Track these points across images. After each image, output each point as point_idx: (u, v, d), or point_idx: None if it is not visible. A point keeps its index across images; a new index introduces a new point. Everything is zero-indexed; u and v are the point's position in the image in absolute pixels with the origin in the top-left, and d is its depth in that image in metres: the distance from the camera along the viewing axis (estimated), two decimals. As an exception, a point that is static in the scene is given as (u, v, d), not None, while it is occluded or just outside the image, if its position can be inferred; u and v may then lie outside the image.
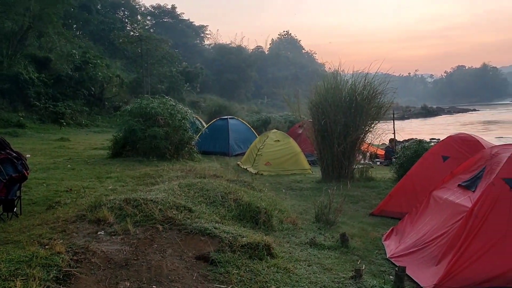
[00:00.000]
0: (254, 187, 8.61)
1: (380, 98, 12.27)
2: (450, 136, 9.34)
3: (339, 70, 12.91)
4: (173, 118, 13.00)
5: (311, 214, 7.99)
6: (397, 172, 11.74)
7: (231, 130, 18.77)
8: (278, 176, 13.17)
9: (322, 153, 12.02)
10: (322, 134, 11.81)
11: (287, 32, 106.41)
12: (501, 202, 5.33)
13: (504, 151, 6.01)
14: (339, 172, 11.74)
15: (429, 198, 6.77)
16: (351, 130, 11.66)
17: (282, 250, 5.72)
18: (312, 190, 10.67)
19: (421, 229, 6.23)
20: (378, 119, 12.44)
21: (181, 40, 62.56)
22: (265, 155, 14.05)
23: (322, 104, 11.82)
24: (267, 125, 27.08)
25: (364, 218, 8.45)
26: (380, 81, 12.38)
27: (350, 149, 11.78)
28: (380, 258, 6.14)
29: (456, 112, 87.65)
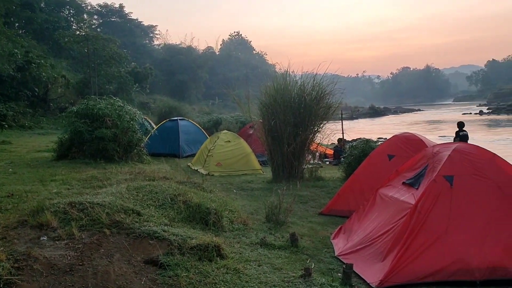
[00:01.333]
0: (205, 188, 8.57)
1: (328, 99, 12.48)
2: (395, 136, 9.64)
3: (288, 71, 13.05)
4: (121, 120, 12.72)
5: (261, 214, 8.03)
6: (346, 171, 11.99)
7: (182, 131, 18.59)
8: (229, 176, 13.16)
9: (272, 153, 12.11)
10: (272, 135, 11.90)
11: (238, 33, 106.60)
12: (442, 198, 5.55)
13: (445, 149, 6.26)
14: (289, 172, 11.86)
15: (376, 196, 6.96)
16: (300, 130, 11.80)
17: (232, 250, 5.71)
18: (263, 190, 10.73)
19: (368, 227, 6.40)
20: (327, 119, 12.64)
21: (129, 40, 61.41)
22: (216, 156, 14.00)
23: (272, 105, 11.90)
24: (218, 126, 27.00)
25: (314, 218, 8.57)
26: (329, 81, 12.60)
27: (300, 149, 11.93)
28: (329, 256, 6.24)
29: (402, 112, 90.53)
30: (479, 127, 46.91)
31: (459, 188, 5.61)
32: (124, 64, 43.22)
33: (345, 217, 7.94)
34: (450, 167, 5.81)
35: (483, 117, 61.92)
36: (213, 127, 27.01)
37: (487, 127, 46.44)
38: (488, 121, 53.73)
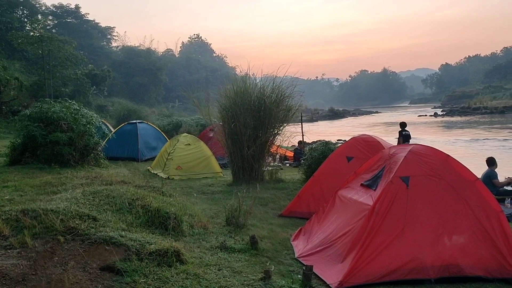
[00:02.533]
0: (164, 192, 8.44)
1: (288, 101, 12.56)
2: (353, 138, 9.80)
3: (248, 74, 13.07)
4: (77, 123, 12.38)
5: (222, 218, 7.99)
6: (305, 173, 12.09)
7: (141, 135, 18.30)
8: (190, 180, 13.04)
9: (232, 156, 12.08)
10: (232, 137, 11.87)
11: (198, 35, 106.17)
12: (399, 199, 5.67)
13: (401, 151, 6.40)
14: (250, 174, 11.86)
15: (335, 198, 7.04)
16: (260, 133, 11.83)
17: (192, 255, 5.64)
18: (223, 194, 10.69)
19: (328, 228, 6.46)
20: (286, 122, 12.72)
21: (86, 42, 59.99)
22: (175, 159, 13.85)
23: (232, 108, 11.88)
24: (178, 129, 26.74)
25: (274, 220, 8.59)
26: (288, 84, 12.68)
27: (260, 151, 11.95)
28: (289, 258, 6.27)
29: (360, 114, 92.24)
30: (434, 128, 48.37)
31: (414, 188, 5.74)
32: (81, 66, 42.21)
33: (305, 218, 7.99)
34: (406, 168, 5.94)
35: (438, 119, 63.86)
36: (173, 130, 26.72)
37: (442, 128, 47.91)
38: (443, 123, 55.45)
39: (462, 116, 65.06)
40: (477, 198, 5.74)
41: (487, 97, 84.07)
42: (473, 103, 76.14)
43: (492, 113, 64.64)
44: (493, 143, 29.39)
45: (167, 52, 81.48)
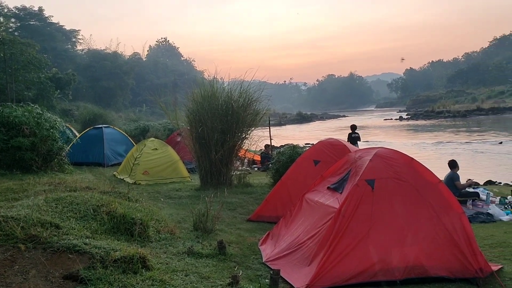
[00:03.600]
0: (130, 198, 8.30)
1: (256, 105, 12.58)
2: (320, 142, 9.89)
3: (216, 78, 13.04)
4: (40, 128, 12.09)
5: (189, 223, 7.91)
6: (273, 177, 12.12)
7: (106, 140, 17.99)
8: (157, 185, 12.89)
9: (200, 160, 12.01)
10: (200, 142, 11.80)
11: (165, 39, 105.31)
12: (365, 201, 5.74)
13: (366, 154, 6.48)
14: (218, 179, 11.82)
15: (302, 201, 7.07)
16: (228, 137, 11.80)
17: (158, 261, 5.57)
18: (191, 198, 10.60)
19: (295, 232, 6.48)
20: (254, 126, 12.73)
21: (50, 45, 58.59)
22: (142, 164, 13.67)
23: (199, 112, 11.82)
24: (145, 134, 26.38)
25: (242, 224, 8.57)
26: (256, 88, 12.71)
27: (228, 155, 11.92)
28: (257, 262, 6.25)
29: (328, 118, 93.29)
30: (399, 132, 49.32)
31: (379, 191, 5.82)
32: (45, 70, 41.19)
33: (273, 222, 8.00)
34: (371, 171, 6.02)
35: (403, 123, 65.16)
36: (140, 134, 26.36)
37: (407, 132, 48.90)
38: (408, 126, 56.60)
39: (426, 120, 66.58)
40: (440, 200, 5.85)
41: (450, 101, 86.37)
42: (437, 107, 78.15)
43: (454, 117, 66.46)
44: (455, 146, 30.17)
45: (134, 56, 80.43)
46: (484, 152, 26.21)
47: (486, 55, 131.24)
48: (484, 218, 9.27)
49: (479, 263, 5.51)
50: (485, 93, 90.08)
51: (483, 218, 9.25)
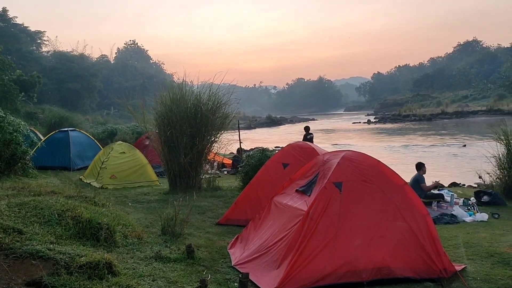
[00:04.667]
0: (97, 202, 8.16)
1: (225, 109, 12.56)
2: (289, 145, 9.94)
3: (185, 81, 12.96)
4: (2, 131, 11.74)
5: (157, 227, 7.82)
6: (243, 180, 12.11)
7: (73, 143, 17.64)
8: (124, 189, 12.71)
9: (169, 164, 11.90)
10: (168, 145, 11.70)
11: (134, 41, 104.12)
12: (332, 204, 5.79)
13: (334, 157, 6.55)
14: (187, 182, 11.73)
15: (271, 204, 7.08)
16: (197, 140, 11.74)
17: (125, 266, 5.49)
18: (160, 202, 10.49)
19: (264, 235, 6.48)
20: (223, 129, 12.70)
21: (14, 46, 57.00)
22: (110, 167, 13.46)
23: (168, 115, 11.72)
24: (113, 137, 26.00)
25: (211, 228, 8.53)
26: (226, 92, 12.69)
27: (197, 159, 11.86)
28: (226, 266, 6.23)
29: (297, 121, 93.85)
30: (367, 135, 50.07)
31: (347, 193, 5.88)
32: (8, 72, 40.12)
33: (243, 226, 7.98)
34: (339, 174, 6.08)
35: (371, 126, 66.19)
36: (108, 138, 25.96)
37: (375, 135, 49.66)
38: (375, 130, 57.51)
39: (394, 123, 67.83)
40: (406, 202, 5.96)
41: (416, 105, 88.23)
42: (403, 111, 79.70)
43: (420, 120, 67.92)
44: (421, 149, 30.81)
45: (102, 58, 79.24)
46: (448, 155, 26.85)
47: (450, 60, 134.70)
48: (448, 219, 9.48)
49: (443, 263, 5.64)
50: (450, 97, 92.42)
51: (447, 219, 9.45)
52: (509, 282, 5.59)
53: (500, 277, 5.74)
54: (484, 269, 6.05)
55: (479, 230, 8.44)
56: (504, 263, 6.31)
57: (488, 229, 8.44)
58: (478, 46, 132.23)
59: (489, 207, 10.51)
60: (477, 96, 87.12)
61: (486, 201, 10.82)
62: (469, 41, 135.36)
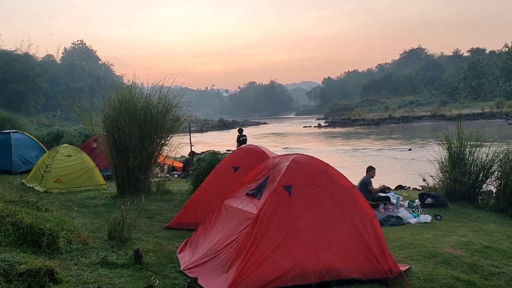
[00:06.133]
0: (40, 207, 7.87)
1: (175, 111, 12.39)
2: (240, 148, 9.96)
3: (135, 82, 12.70)
4: None
5: (104, 232, 7.59)
6: (194, 183, 11.98)
7: (15, 145, 16.90)
8: (70, 193, 12.28)
9: (117, 167, 11.60)
10: (116, 148, 11.40)
11: (82, 41, 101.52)
12: (282, 207, 5.81)
13: (284, 160, 6.58)
14: (135, 186, 11.48)
15: (221, 208, 7.04)
16: (146, 143, 11.51)
17: (68, 273, 5.30)
18: (107, 206, 10.19)
19: (213, 238, 6.43)
20: (174, 132, 12.53)
21: (-48, 45, 54.41)
22: (54, 171, 12.97)
23: (116, 117, 11.42)
24: (59, 140, 25.16)
25: (160, 232, 8.37)
26: (176, 94, 12.52)
27: (146, 162, 11.62)
28: (174, 271, 6.12)
29: (249, 125, 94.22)
30: (318, 139, 50.90)
31: (296, 196, 5.92)
32: None
33: (193, 230, 7.89)
34: (288, 177, 6.11)
35: (321, 130, 67.35)
36: (54, 140, 25.10)
37: (325, 139, 50.56)
38: (326, 134, 58.55)
39: (343, 127, 69.32)
40: (353, 204, 6.07)
41: (365, 109, 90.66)
42: (353, 115, 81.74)
43: (369, 125, 69.79)
44: (370, 153, 31.62)
45: (48, 58, 76.69)
46: (395, 158, 27.68)
47: (397, 66, 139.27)
48: (394, 221, 9.74)
49: (388, 264, 5.77)
50: (396, 102, 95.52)
51: (393, 221, 9.71)
52: (450, 281, 5.81)
53: (442, 277, 5.95)
54: (427, 269, 6.25)
55: (423, 231, 8.71)
56: (446, 263, 6.54)
57: (431, 230, 8.73)
58: (423, 54, 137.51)
59: (433, 209, 10.89)
60: (422, 102, 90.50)
61: (429, 203, 11.19)
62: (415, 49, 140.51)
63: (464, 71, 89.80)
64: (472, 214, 10.55)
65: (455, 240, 7.73)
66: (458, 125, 12.04)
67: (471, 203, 11.47)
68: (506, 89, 77.16)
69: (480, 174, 11.71)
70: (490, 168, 11.60)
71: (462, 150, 11.79)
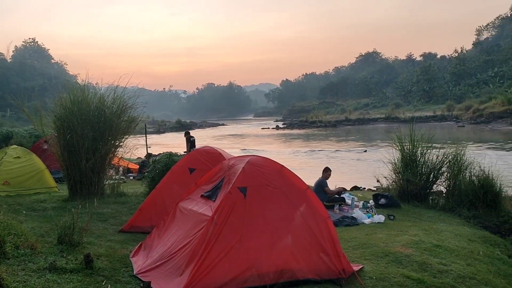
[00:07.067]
0: (-15, 212, 7.52)
1: (130, 112, 12.16)
2: (196, 149, 9.88)
3: (88, 82, 12.39)
4: None
5: (54, 236, 7.33)
6: (149, 186, 11.80)
7: (-40, 147, 16.20)
8: (19, 196, 11.84)
9: (69, 169, 11.26)
10: (68, 150, 11.07)
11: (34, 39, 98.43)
12: (237, 209, 5.78)
13: (239, 162, 6.55)
14: (88, 189, 11.18)
15: (176, 210, 6.94)
16: (100, 144, 11.23)
17: (15, 279, 5.10)
18: (57, 210, 9.88)
19: (168, 241, 6.33)
20: (129, 133, 12.29)
21: None
22: (2, 173, 12.47)
23: (68, 118, 11.09)
24: (8, 141, 24.22)
25: (113, 236, 8.17)
26: (133, 95, 12.30)
27: (100, 164, 11.34)
28: (127, 275, 5.99)
29: (207, 126, 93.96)
30: (276, 140, 51.23)
31: (251, 198, 5.90)
32: None
33: (147, 233, 7.73)
34: (244, 179, 6.09)
35: (280, 132, 67.88)
36: (3, 142, 24.13)
37: (283, 140, 50.95)
38: (284, 135, 59.02)
39: (301, 129, 70.15)
40: (308, 206, 6.10)
41: (322, 111, 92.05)
42: (310, 117, 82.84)
43: (326, 127, 70.94)
44: (326, 154, 32.08)
45: (-3, 56, 74.02)
46: (351, 160, 28.19)
47: (353, 69, 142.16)
48: (349, 221, 9.88)
49: (342, 264, 5.84)
50: (353, 105, 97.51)
51: (348, 222, 9.86)
52: (400, 280, 5.93)
53: (393, 275, 6.07)
54: (379, 268, 6.36)
55: (377, 231, 8.87)
56: (397, 261, 6.68)
57: (384, 230, 8.90)
58: (378, 58, 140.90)
59: (386, 209, 11.12)
60: (377, 104, 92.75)
61: (383, 204, 11.43)
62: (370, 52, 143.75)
63: (417, 75, 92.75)
64: (423, 213, 10.83)
65: (407, 239, 7.91)
66: (410, 127, 12.36)
67: (423, 203, 11.78)
68: (456, 93, 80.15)
69: (431, 175, 12.04)
70: (440, 169, 11.95)
71: (414, 152, 12.10)
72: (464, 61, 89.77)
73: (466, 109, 64.01)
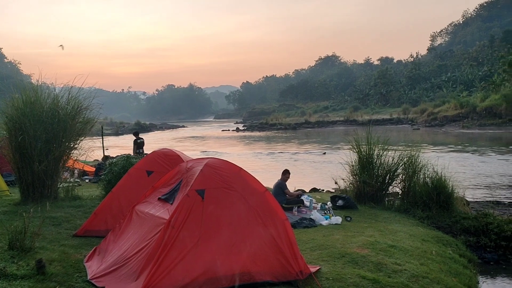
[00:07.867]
0: None
1: (86, 113, 11.86)
2: (154, 152, 9.72)
3: (43, 82, 12.00)
4: None
5: (4, 242, 7.05)
6: (105, 189, 11.54)
7: None
8: (-33, 201, 11.34)
9: (21, 172, 10.86)
10: (20, 152, 10.69)
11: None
12: (195, 211, 5.73)
13: (198, 164, 6.50)
14: (41, 192, 10.80)
15: (132, 213, 6.82)
16: (54, 146, 10.89)
17: (-40, 289, 4.85)
18: (8, 214, 9.50)
19: (123, 245, 6.21)
20: (84, 135, 11.98)
21: None
22: (-51, 177, 11.95)
23: (20, 119, 10.70)
24: (-43, 143, 23.22)
25: (67, 241, 7.93)
26: (88, 96, 11.99)
27: (54, 166, 10.99)
28: (81, 281, 5.84)
29: (167, 128, 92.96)
30: (236, 142, 51.23)
31: (209, 201, 5.86)
32: None
33: (103, 237, 7.56)
34: (202, 181, 6.04)
35: (240, 134, 67.92)
36: (-50, 144, 23.11)
37: (244, 143, 50.99)
38: (244, 138, 59.08)
39: (261, 131, 70.40)
40: (266, 208, 6.11)
41: (282, 114, 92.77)
42: (270, 120, 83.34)
43: (286, 129, 71.45)
44: (286, 156, 32.30)
45: None
46: (310, 162, 28.49)
47: (313, 73, 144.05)
48: (307, 223, 9.96)
49: (299, 266, 5.88)
50: (312, 107, 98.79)
51: (306, 223, 9.93)
52: (356, 280, 6.03)
53: (349, 276, 6.16)
54: (336, 269, 6.44)
55: (334, 232, 8.99)
56: (354, 262, 6.79)
57: (341, 232, 9.03)
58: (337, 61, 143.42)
59: (343, 210, 11.28)
60: (336, 107, 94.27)
61: (340, 205, 11.58)
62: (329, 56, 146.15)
63: (375, 78, 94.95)
64: (379, 215, 11.05)
65: (363, 240, 8.05)
66: (367, 130, 12.59)
67: (379, 205, 12.01)
68: (411, 96, 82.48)
69: (387, 177, 12.29)
70: (396, 171, 12.22)
71: (370, 154, 12.32)
72: (419, 65, 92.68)
73: (421, 112, 65.88)
